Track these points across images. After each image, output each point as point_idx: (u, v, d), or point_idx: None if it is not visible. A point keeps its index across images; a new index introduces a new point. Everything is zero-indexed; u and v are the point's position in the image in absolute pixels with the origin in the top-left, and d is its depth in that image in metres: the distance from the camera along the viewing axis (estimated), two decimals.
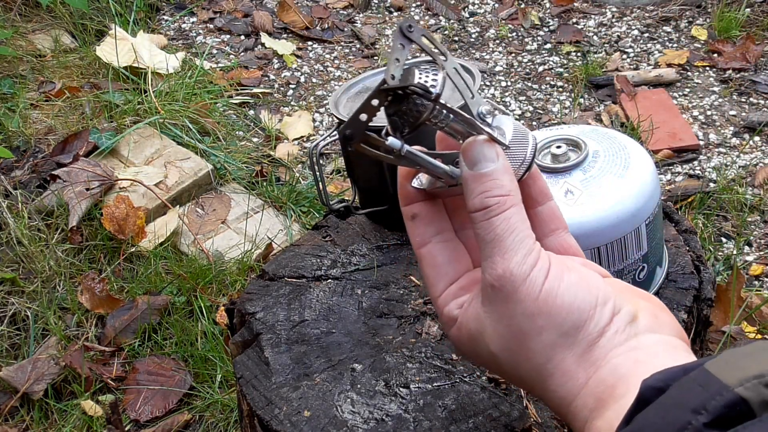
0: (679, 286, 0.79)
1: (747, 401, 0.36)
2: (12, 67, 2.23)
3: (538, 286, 0.48)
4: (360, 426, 0.65)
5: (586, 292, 0.49)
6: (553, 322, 0.48)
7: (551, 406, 0.50)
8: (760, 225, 1.87)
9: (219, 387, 1.48)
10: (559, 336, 0.48)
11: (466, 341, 0.53)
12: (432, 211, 0.56)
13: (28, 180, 1.87)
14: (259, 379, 0.71)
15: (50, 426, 1.45)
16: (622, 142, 0.71)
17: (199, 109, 2.08)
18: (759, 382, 0.36)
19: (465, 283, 0.55)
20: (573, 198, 0.65)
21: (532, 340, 0.48)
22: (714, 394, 0.37)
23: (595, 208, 0.65)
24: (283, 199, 1.89)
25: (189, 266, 1.67)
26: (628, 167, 0.68)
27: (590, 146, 0.69)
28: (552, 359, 0.48)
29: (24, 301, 1.61)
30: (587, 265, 0.54)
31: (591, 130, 0.74)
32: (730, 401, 0.36)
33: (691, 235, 0.86)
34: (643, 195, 0.67)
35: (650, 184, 0.68)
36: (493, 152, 0.51)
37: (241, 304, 0.81)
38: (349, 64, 2.48)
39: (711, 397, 0.37)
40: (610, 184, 0.66)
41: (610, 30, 2.62)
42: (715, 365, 0.39)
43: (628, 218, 0.65)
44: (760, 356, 0.39)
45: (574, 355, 0.48)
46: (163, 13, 2.65)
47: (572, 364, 0.48)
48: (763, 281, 1.73)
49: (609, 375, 0.47)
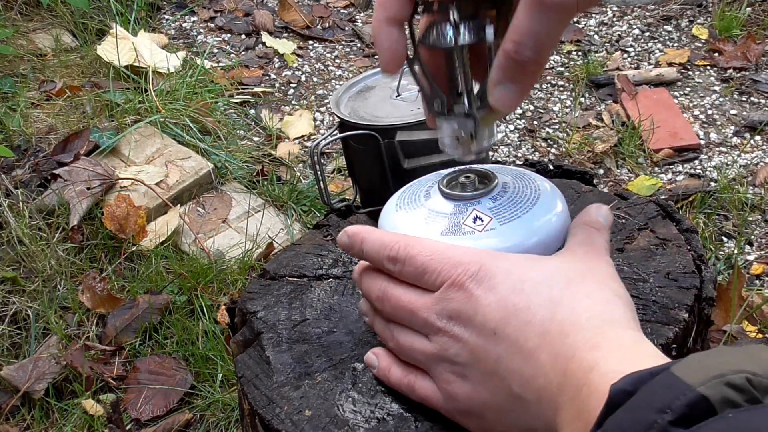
0: (680, 285, 0.79)
1: (708, 399, 0.38)
2: (13, 66, 2.23)
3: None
4: (361, 425, 0.65)
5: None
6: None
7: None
8: (761, 224, 1.87)
9: (220, 386, 1.48)
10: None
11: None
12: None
13: (29, 179, 1.87)
14: (260, 378, 0.71)
15: (51, 425, 1.45)
16: (532, 177, 0.71)
17: (200, 108, 2.08)
18: (719, 381, 0.38)
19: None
20: (482, 224, 0.65)
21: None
22: (678, 394, 0.39)
23: (505, 234, 0.64)
24: (284, 198, 1.89)
25: (190, 265, 1.68)
26: (538, 199, 0.67)
27: (500, 178, 0.69)
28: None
29: (25, 300, 1.61)
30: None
31: (503, 167, 0.74)
32: (693, 400, 0.38)
33: (692, 235, 0.86)
34: (554, 225, 0.66)
35: (560, 215, 0.67)
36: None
37: (242, 304, 0.81)
38: (350, 63, 2.48)
39: (675, 397, 0.39)
40: (520, 212, 0.66)
41: (611, 29, 2.62)
42: (681, 368, 0.41)
43: (536, 246, 0.64)
44: (723, 358, 0.41)
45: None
46: (163, 12, 2.65)
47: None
48: (764, 280, 1.73)
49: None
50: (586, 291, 0.54)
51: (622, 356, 0.49)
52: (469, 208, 0.65)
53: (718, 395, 0.38)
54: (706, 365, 0.40)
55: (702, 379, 0.39)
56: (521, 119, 2.25)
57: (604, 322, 0.52)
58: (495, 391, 0.54)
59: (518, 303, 0.53)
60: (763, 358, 0.40)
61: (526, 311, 0.53)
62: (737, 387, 0.38)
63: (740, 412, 0.37)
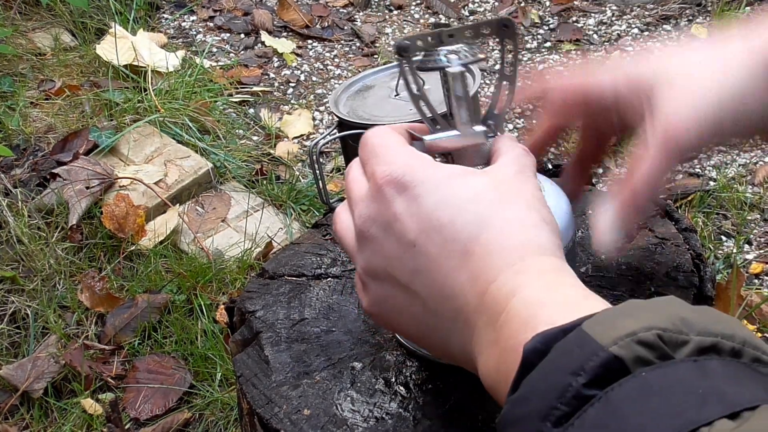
0: (679, 284, 0.79)
1: (621, 359, 0.37)
2: (12, 65, 2.23)
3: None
4: (360, 424, 0.65)
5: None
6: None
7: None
8: (760, 223, 1.87)
9: (219, 385, 1.48)
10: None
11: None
12: None
13: (28, 178, 1.87)
14: (258, 377, 0.71)
15: (50, 424, 1.45)
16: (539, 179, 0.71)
17: (199, 107, 2.08)
18: (631, 340, 0.38)
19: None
20: None
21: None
22: (590, 355, 0.38)
23: None
24: (283, 197, 1.89)
25: (189, 265, 1.68)
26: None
27: None
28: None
29: (24, 300, 1.61)
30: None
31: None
32: (605, 360, 0.38)
33: (691, 234, 0.86)
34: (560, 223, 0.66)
35: (564, 216, 0.67)
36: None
37: (241, 303, 0.81)
38: (349, 63, 2.48)
39: (588, 358, 0.38)
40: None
41: (610, 28, 2.62)
42: (592, 326, 0.40)
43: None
44: (634, 314, 0.40)
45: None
46: (163, 11, 2.65)
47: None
48: (763, 279, 1.73)
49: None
50: (516, 213, 0.51)
51: (545, 284, 0.48)
52: None
53: (631, 354, 0.37)
54: (616, 323, 0.39)
55: (614, 337, 0.38)
56: (520, 119, 2.25)
57: (530, 247, 0.50)
58: (409, 302, 0.53)
59: (442, 218, 0.51)
60: (671, 313, 0.40)
61: (450, 227, 0.50)
62: (649, 344, 0.38)
63: (653, 369, 0.37)
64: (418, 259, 0.51)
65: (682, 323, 0.39)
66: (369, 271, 0.55)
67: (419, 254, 0.51)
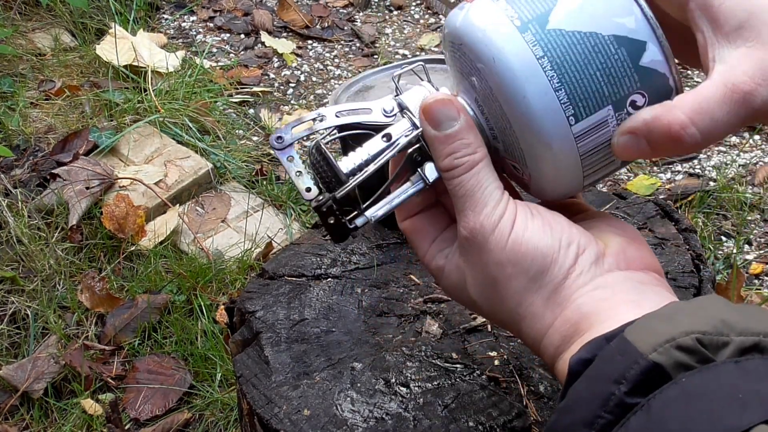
0: (679, 284, 0.79)
1: (661, 365, 0.38)
2: (12, 65, 2.23)
3: (506, 236, 0.50)
4: (360, 425, 0.65)
5: (549, 237, 0.50)
6: (521, 268, 0.50)
7: (527, 345, 0.53)
8: (760, 224, 1.87)
9: (219, 386, 1.48)
10: (528, 281, 0.50)
11: (453, 289, 0.56)
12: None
13: (28, 179, 1.87)
14: (258, 377, 0.71)
15: (50, 425, 1.45)
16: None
17: (199, 107, 2.08)
18: (670, 346, 0.38)
19: (448, 235, 0.57)
20: None
21: (503, 287, 0.51)
22: (631, 363, 0.39)
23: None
24: (283, 197, 1.89)
25: (189, 265, 1.68)
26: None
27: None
28: (522, 303, 0.51)
29: (24, 300, 1.61)
30: (570, 206, 0.57)
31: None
32: (646, 368, 0.38)
33: (691, 234, 0.86)
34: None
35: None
36: (453, 111, 0.52)
37: (241, 303, 0.81)
38: (349, 63, 2.48)
39: (629, 366, 0.39)
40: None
41: None
42: (633, 332, 0.41)
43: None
44: (673, 318, 0.41)
45: (541, 298, 0.50)
46: (163, 11, 2.65)
47: (540, 306, 0.50)
48: (762, 280, 1.73)
49: (573, 314, 0.49)
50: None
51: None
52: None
53: (671, 360, 0.38)
54: (656, 329, 0.40)
55: (653, 344, 0.39)
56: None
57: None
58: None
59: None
60: (711, 315, 0.40)
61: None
62: (688, 349, 0.38)
63: (693, 374, 0.38)
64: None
65: (722, 324, 0.39)
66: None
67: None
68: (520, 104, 0.49)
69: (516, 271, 0.50)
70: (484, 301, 0.53)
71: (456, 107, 0.52)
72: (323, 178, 0.56)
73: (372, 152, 0.56)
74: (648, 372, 0.38)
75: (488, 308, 0.53)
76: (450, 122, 0.52)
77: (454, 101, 0.53)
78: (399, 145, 0.55)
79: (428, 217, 0.58)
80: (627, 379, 0.39)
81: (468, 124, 0.52)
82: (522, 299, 0.51)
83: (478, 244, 0.51)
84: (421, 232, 0.57)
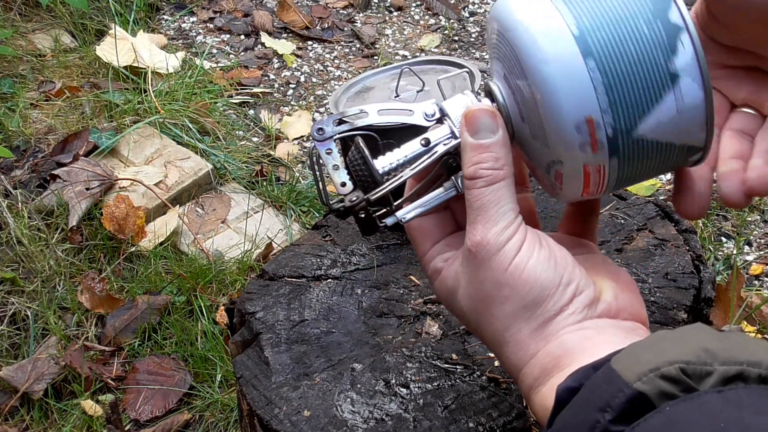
0: (678, 285, 0.79)
1: (646, 394, 0.39)
2: (12, 66, 2.23)
3: (509, 258, 0.51)
4: (360, 426, 0.65)
5: (552, 271, 0.51)
6: (517, 294, 0.51)
7: (505, 368, 0.54)
8: (760, 225, 1.87)
9: (219, 387, 1.48)
10: (520, 308, 0.51)
11: (445, 294, 0.57)
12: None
13: (28, 179, 1.87)
14: (258, 378, 0.71)
15: (50, 426, 1.45)
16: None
17: (199, 108, 2.08)
18: (654, 375, 0.39)
19: (451, 240, 0.58)
20: None
21: (495, 307, 0.52)
22: (616, 391, 0.40)
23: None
24: (283, 198, 1.89)
25: (189, 266, 1.68)
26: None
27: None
28: (510, 328, 0.52)
29: (24, 301, 1.61)
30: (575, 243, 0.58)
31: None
32: (630, 397, 0.39)
33: (691, 235, 0.86)
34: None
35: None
36: (494, 124, 0.53)
37: (241, 304, 0.81)
38: (349, 64, 2.48)
39: (614, 394, 0.40)
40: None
41: None
42: (619, 361, 0.42)
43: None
44: (657, 347, 0.42)
45: (529, 328, 0.51)
46: (163, 12, 2.65)
47: (526, 336, 0.51)
48: (762, 281, 1.73)
49: (557, 348, 0.50)
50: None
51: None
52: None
53: (655, 389, 0.39)
54: (641, 358, 0.41)
55: (638, 373, 0.40)
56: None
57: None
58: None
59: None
60: (695, 344, 0.41)
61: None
62: (672, 378, 0.39)
63: (676, 403, 0.38)
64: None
65: (706, 354, 0.40)
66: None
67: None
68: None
69: (512, 295, 0.51)
70: (473, 315, 0.54)
71: (498, 122, 0.53)
72: (358, 175, 0.57)
73: (408, 155, 0.57)
74: (633, 400, 0.39)
75: (475, 323, 0.54)
76: (488, 133, 0.53)
77: (498, 116, 0.54)
78: (437, 153, 0.56)
79: (435, 219, 0.58)
80: (612, 407, 0.39)
81: (503, 140, 0.53)
82: (511, 324, 0.52)
83: (481, 259, 0.52)
84: (426, 232, 0.58)
